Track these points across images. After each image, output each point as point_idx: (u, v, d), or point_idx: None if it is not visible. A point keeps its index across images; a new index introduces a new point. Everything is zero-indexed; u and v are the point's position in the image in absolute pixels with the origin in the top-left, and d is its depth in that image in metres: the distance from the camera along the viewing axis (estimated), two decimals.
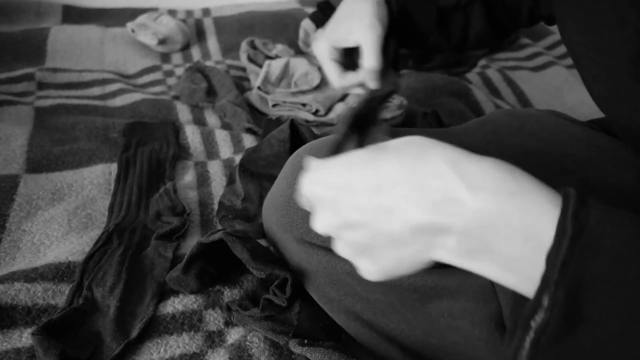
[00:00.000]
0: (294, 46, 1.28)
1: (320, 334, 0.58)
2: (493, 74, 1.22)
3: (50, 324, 0.57)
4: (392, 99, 0.95)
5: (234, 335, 0.60)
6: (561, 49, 1.35)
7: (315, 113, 1.00)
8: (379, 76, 0.56)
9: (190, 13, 1.45)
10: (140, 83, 1.14)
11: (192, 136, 0.94)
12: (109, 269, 0.65)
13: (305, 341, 0.55)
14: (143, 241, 0.71)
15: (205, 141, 0.94)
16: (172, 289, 0.64)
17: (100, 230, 0.72)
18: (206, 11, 1.47)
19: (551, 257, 0.27)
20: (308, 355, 0.55)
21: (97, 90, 1.08)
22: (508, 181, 0.29)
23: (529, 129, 0.58)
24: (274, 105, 1.02)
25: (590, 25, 0.47)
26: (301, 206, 0.38)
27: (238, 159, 0.87)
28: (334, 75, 0.59)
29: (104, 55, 1.22)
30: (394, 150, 0.33)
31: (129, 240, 0.70)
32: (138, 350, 0.58)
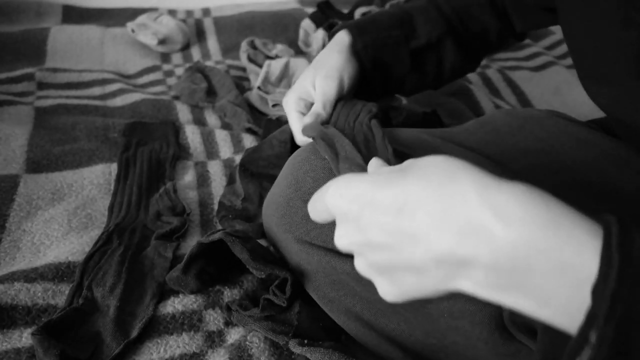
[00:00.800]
0: (294, 46, 1.28)
1: (320, 334, 0.58)
2: (493, 74, 1.22)
3: (50, 324, 0.57)
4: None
5: (234, 335, 0.60)
6: (561, 49, 1.35)
7: None
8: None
9: (190, 13, 1.45)
10: (140, 83, 1.14)
11: (192, 136, 0.94)
12: (109, 269, 0.65)
13: (305, 341, 0.55)
14: (143, 241, 0.71)
15: (205, 141, 0.94)
16: (172, 289, 0.64)
17: (100, 230, 0.72)
18: (206, 11, 1.47)
19: (598, 291, 0.26)
20: (308, 355, 0.55)
21: (97, 90, 1.08)
22: (542, 211, 0.27)
23: (529, 129, 0.58)
24: (274, 105, 1.02)
25: (595, 25, 0.47)
26: (313, 219, 0.38)
27: (238, 159, 0.87)
28: (295, 128, 0.60)
29: (104, 55, 1.22)
30: (421, 170, 0.32)
31: (129, 240, 0.70)
32: (138, 350, 0.58)
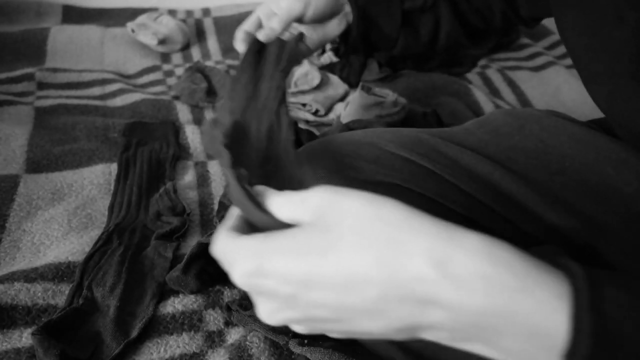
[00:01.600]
0: None
1: (320, 334, 0.58)
2: (493, 74, 1.22)
3: (50, 324, 0.57)
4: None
5: (234, 335, 0.60)
6: (561, 49, 1.35)
7: (315, 113, 1.00)
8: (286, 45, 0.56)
9: (190, 13, 1.45)
10: (140, 83, 1.14)
11: (192, 136, 0.94)
12: (109, 269, 0.65)
13: (305, 341, 0.55)
14: (143, 241, 0.71)
15: None
16: (172, 289, 0.64)
17: (100, 230, 0.72)
18: (206, 11, 1.47)
19: (569, 357, 0.24)
20: (308, 355, 0.55)
21: (97, 90, 1.08)
22: (505, 276, 0.25)
23: (528, 129, 0.58)
24: None
25: (589, 25, 0.47)
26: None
27: None
28: (245, 27, 0.59)
29: (104, 55, 1.22)
30: (354, 234, 0.27)
31: (129, 240, 0.70)
32: (138, 350, 0.58)
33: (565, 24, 0.51)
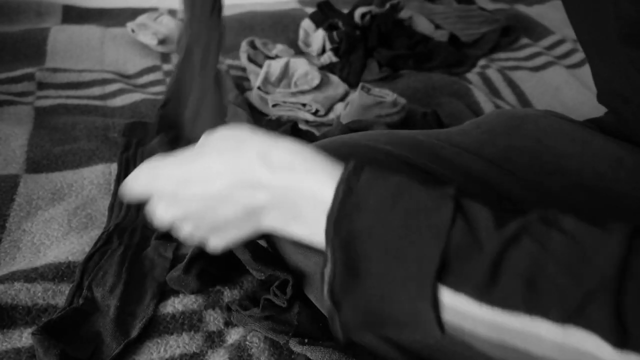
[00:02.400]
0: (294, 46, 1.28)
1: (320, 334, 0.58)
2: (493, 74, 1.22)
3: (50, 324, 0.57)
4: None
5: (234, 335, 0.60)
6: (561, 49, 1.35)
7: (315, 113, 1.00)
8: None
9: None
10: (140, 83, 1.14)
11: None
12: (109, 269, 0.65)
13: (306, 340, 0.55)
14: (143, 241, 0.71)
15: None
16: (172, 289, 0.64)
17: (100, 230, 0.72)
18: None
19: (328, 216, 0.33)
20: (308, 354, 0.55)
21: (97, 90, 1.08)
22: (303, 161, 0.37)
23: (525, 130, 0.58)
24: (274, 106, 1.02)
25: (584, 7, 0.48)
26: (128, 201, 0.45)
27: None
28: None
29: (104, 55, 1.22)
30: (215, 147, 0.40)
31: (129, 240, 0.70)
32: (138, 350, 0.58)
33: (570, 5, 0.53)
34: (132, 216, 0.75)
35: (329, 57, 1.21)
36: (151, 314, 0.61)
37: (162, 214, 0.42)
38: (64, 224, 0.73)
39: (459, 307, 0.31)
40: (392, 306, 0.33)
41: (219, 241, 0.42)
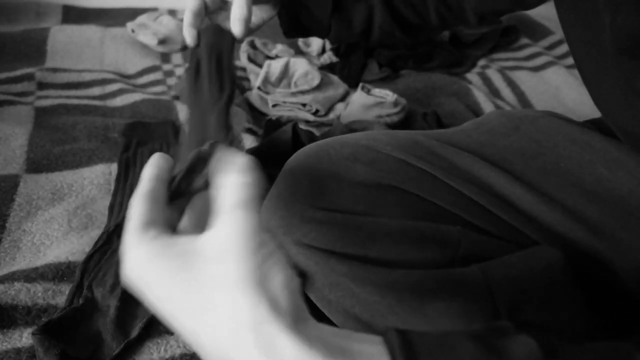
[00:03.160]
0: (294, 46, 1.28)
1: None
2: (493, 74, 1.22)
3: (50, 324, 0.57)
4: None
5: None
6: (561, 49, 1.35)
7: (316, 113, 1.00)
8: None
9: None
10: (140, 83, 1.14)
11: None
12: (109, 269, 0.65)
13: None
14: None
15: None
16: None
17: (100, 230, 0.72)
18: None
19: None
20: None
21: (97, 90, 1.08)
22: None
23: (524, 130, 0.58)
24: (274, 106, 1.02)
25: (578, 21, 0.48)
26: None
27: None
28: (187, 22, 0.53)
29: (104, 55, 1.22)
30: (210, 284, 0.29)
31: None
32: (138, 350, 0.58)
33: (563, 16, 0.52)
34: None
35: (329, 57, 1.21)
36: (151, 314, 0.61)
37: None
38: (64, 224, 0.73)
39: None
40: None
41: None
